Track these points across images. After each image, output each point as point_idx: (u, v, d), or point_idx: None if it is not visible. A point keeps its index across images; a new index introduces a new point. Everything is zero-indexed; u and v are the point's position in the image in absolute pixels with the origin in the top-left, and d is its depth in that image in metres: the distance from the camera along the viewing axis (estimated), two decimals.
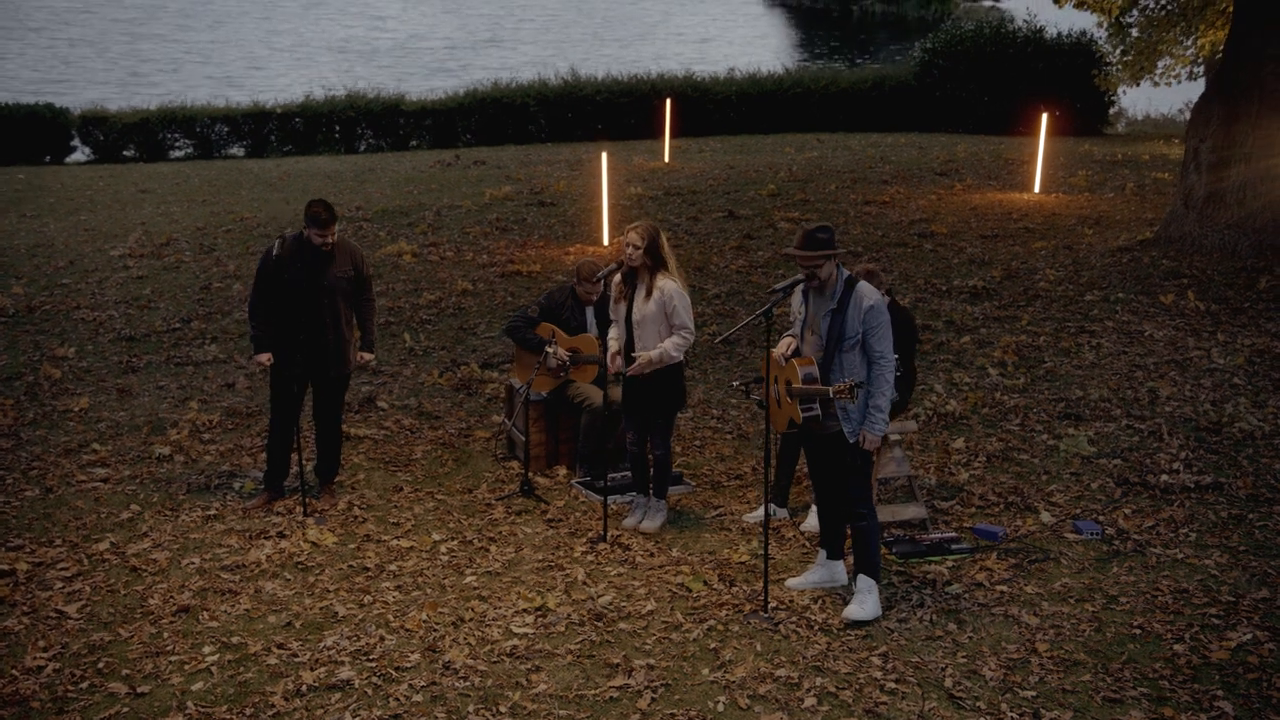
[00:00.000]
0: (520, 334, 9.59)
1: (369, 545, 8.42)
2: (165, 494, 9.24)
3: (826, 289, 7.36)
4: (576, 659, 6.99)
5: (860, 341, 7.26)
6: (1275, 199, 14.38)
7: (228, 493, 9.25)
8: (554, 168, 23.66)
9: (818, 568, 7.84)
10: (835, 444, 7.43)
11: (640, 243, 8.34)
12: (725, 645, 7.08)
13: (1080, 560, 8.00)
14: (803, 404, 7.33)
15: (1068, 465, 9.48)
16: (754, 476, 9.56)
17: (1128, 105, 34.04)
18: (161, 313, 14.26)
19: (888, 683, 6.67)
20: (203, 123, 28.57)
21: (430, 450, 10.10)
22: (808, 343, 7.45)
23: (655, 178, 21.84)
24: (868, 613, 7.39)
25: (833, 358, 7.30)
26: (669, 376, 8.50)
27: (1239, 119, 14.45)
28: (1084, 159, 23.89)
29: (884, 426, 7.34)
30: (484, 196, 20.56)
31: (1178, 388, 10.92)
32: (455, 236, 17.66)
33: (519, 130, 28.67)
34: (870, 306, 7.25)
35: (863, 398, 7.30)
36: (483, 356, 12.43)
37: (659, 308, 8.37)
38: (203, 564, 8.12)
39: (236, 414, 10.89)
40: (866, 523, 7.48)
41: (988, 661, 6.84)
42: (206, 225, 19.05)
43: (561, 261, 16.01)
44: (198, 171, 25.54)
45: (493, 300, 14.40)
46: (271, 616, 7.48)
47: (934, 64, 29.89)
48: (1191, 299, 13.24)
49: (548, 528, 8.71)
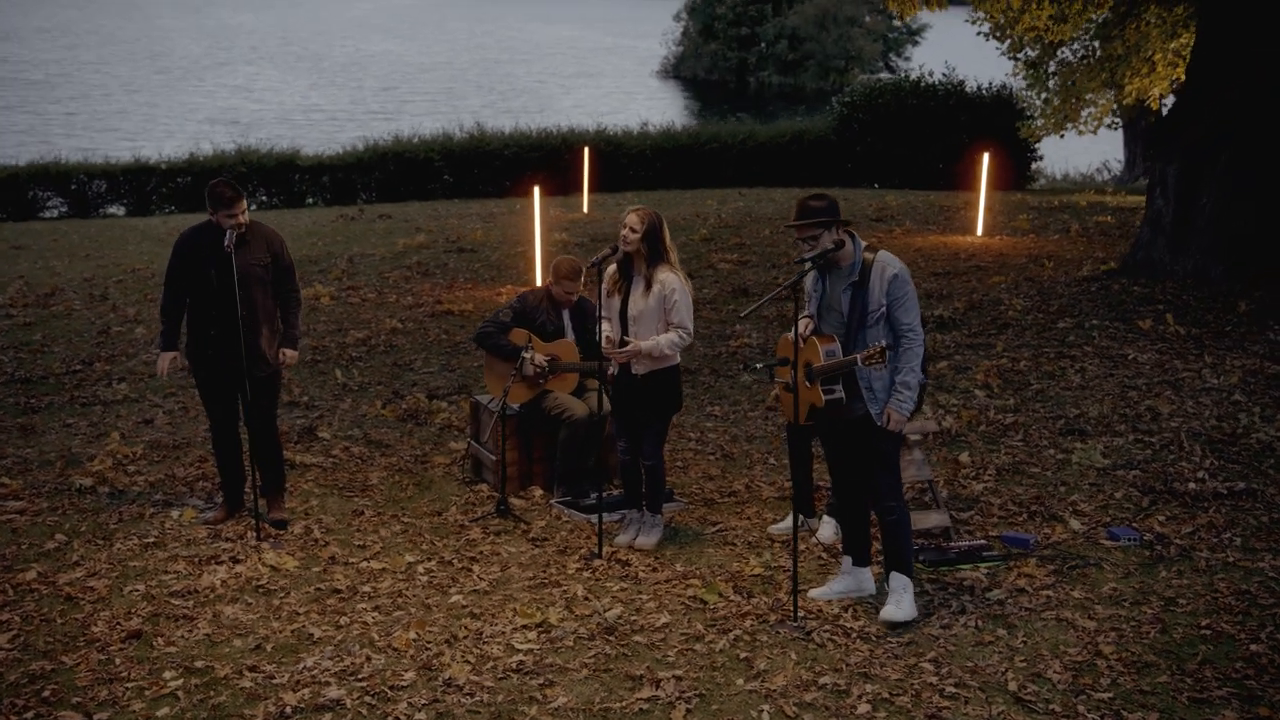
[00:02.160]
0: (492, 340, 9.10)
1: (335, 568, 7.87)
2: (94, 524, 8.61)
3: (841, 261, 7.03)
4: (593, 673, 6.51)
5: (885, 315, 6.93)
6: (1249, 222, 14.44)
7: (166, 520, 8.62)
8: (465, 220, 23.26)
9: (843, 576, 7.45)
10: (860, 430, 7.07)
11: (639, 227, 7.95)
12: (756, 655, 6.66)
13: (1123, 565, 7.71)
14: (825, 386, 6.97)
15: (1084, 476, 9.23)
16: (749, 494, 9.17)
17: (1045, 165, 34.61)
18: (58, 356, 13.55)
19: (946, 687, 6.30)
20: (78, 179, 27.67)
21: (387, 476, 9.57)
22: (826, 322, 7.10)
23: (577, 226, 21.54)
24: (905, 613, 7.03)
25: (855, 335, 6.96)
26: (663, 377, 8.08)
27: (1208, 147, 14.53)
28: (1020, 206, 24.08)
29: (911, 405, 7.00)
30: (397, 245, 20.09)
31: (1178, 405, 10.77)
32: (373, 280, 17.15)
33: (422, 186, 28.23)
34: (894, 275, 6.93)
35: (888, 375, 6.97)
36: (425, 389, 11.92)
37: (658, 303, 7.96)
38: (149, 590, 7.53)
39: (161, 447, 10.26)
40: (897, 516, 7.12)
41: (1050, 665, 6.50)
42: (95, 276, 18.33)
43: (493, 301, 15.58)
44: (76, 229, 24.69)
45: (425, 338, 13.92)
46: (236, 640, 6.91)
47: (853, 118, 30.08)
48: (1171, 323, 13.18)
49: (533, 546, 8.23)
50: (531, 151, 28.38)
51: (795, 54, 71.32)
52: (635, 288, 8.05)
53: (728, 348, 13.34)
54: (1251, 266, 14.32)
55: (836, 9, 69.94)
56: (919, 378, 6.98)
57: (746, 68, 73.14)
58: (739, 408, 11.34)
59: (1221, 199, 14.45)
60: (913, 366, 6.93)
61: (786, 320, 14.38)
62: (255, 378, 8.42)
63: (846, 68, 69.45)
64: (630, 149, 29.15)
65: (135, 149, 31.15)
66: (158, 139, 36.20)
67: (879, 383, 6.97)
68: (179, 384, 12.21)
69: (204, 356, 8.43)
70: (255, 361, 8.40)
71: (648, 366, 8.03)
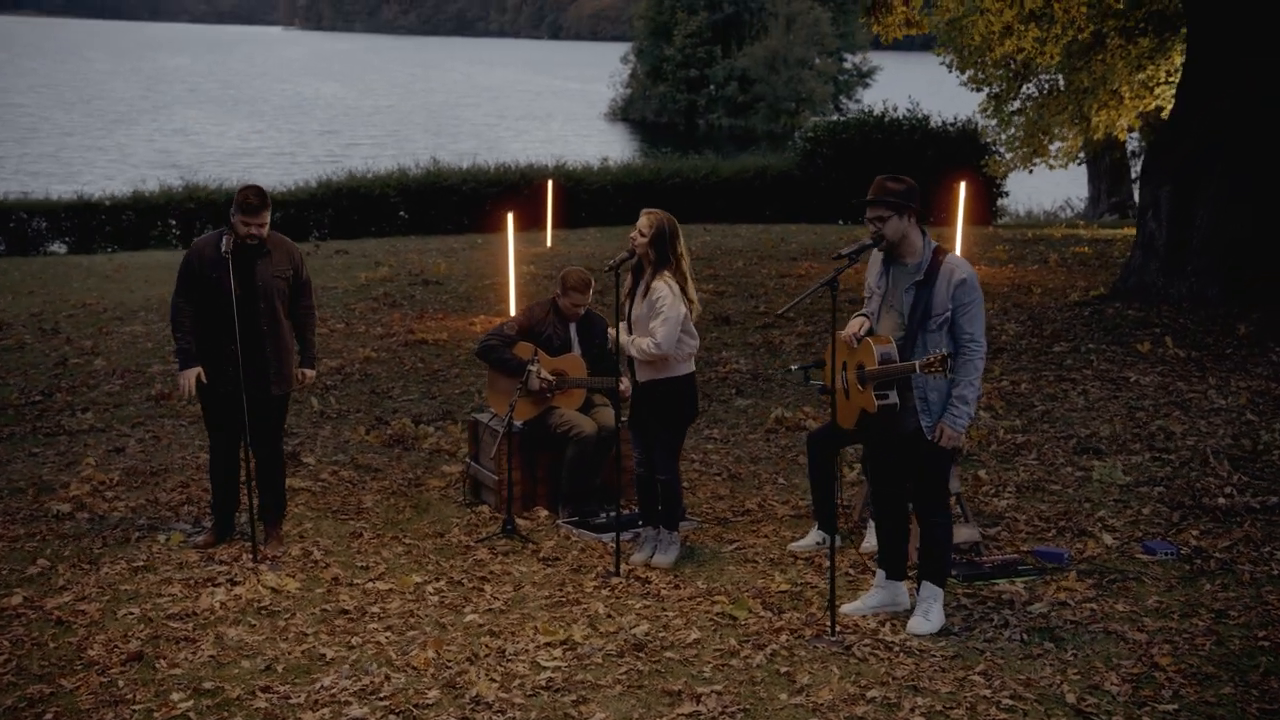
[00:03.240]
0: (496, 354, 8.89)
1: (340, 589, 7.63)
2: (77, 549, 8.31)
3: (907, 257, 6.85)
4: (627, 689, 6.31)
5: (948, 321, 6.74)
6: (1244, 242, 14.49)
7: (153, 545, 8.34)
8: (425, 255, 23.04)
9: (876, 590, 7.27)
10: (909, 444, 6.90)
11: (647, 230, 7.79)
12: (797, 669, 6.48)
13: (1164, 579, 7.59)
14: (878, 391, 6.79)
15: (1107, 493, 9.13)
16: (762, 512, 9.01)
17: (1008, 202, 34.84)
18: (14, 387, 13.20)
19: (1001, 699, 6.14)
20: (17, 217, 27.20)
21: (381, 499, 9.33)
22: (885, 322, 6.92)
23: (543, 260, 21.39)
24: (933, 625, 6.90)
25: (915, 338, 6.77)
26: (667, 386, 7.86)
27: (1201, 160, 14.59)
28: (992, 238, 24.17)
29: (967, 421, 6.84)
30: (359, 278, 19.85)
31: (1189, 424, 10.71)
32: (340, 312, 16.90)
33: (378, 223, 27.98)
34: (962, 280, 6.73)
35: (945, 387, 6.79)
36: (410, 415, 11.69)
37: (649, 309, 7.80)
38: (145, 613, 7.26)
39: (138, 473, 9.97)
40: (942, 530, 6.97)
41: (1106, 677, 6.35)
42: (43, 311, 17.94)
43: (468, 331, 15.39)
44: (16, 266, 24.25)
45: (401, 367, 13.69)
46: (244, 661, 6.66)
47: (818, 153, 30.17)
48: (1170, 345, 13.17)
49: (545, 566, 8.02)
50: (490, 187, 28.23)
51: (745, 96, 71.82)
52: (638, 291, 7.90)
53: (717, 373, 13.20)
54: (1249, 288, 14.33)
55: (787, 51, 70.50)
56: (977, 392, 6.82)
57: (696, 110, 73.56)
58: (738, 430, 11.19)
59: (1216, 220, 14.49)
60: (971, 380, 6.75)
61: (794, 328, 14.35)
62: (273, 397, 8.17)
63: (797, 110, 69.94)
64: (591, 184, 29.06)
65: (77, 189, 30.69)
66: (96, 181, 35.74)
67: (935, 393, 6.77)
68: (147, 413, 11.93)
69: (223, 373, 8.12)
70: (277, 380, 8.15)
71: (648, 374, 7.86)
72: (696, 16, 73.21)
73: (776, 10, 71.79)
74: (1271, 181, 14.37)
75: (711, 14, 73.81)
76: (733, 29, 74.06)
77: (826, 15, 72.17)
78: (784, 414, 11.37)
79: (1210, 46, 14.89)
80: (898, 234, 6.78)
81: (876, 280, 6.98)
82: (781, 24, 70.91)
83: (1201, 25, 15.13)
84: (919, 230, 6.84)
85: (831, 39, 72.48)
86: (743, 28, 73.83)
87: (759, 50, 70.86)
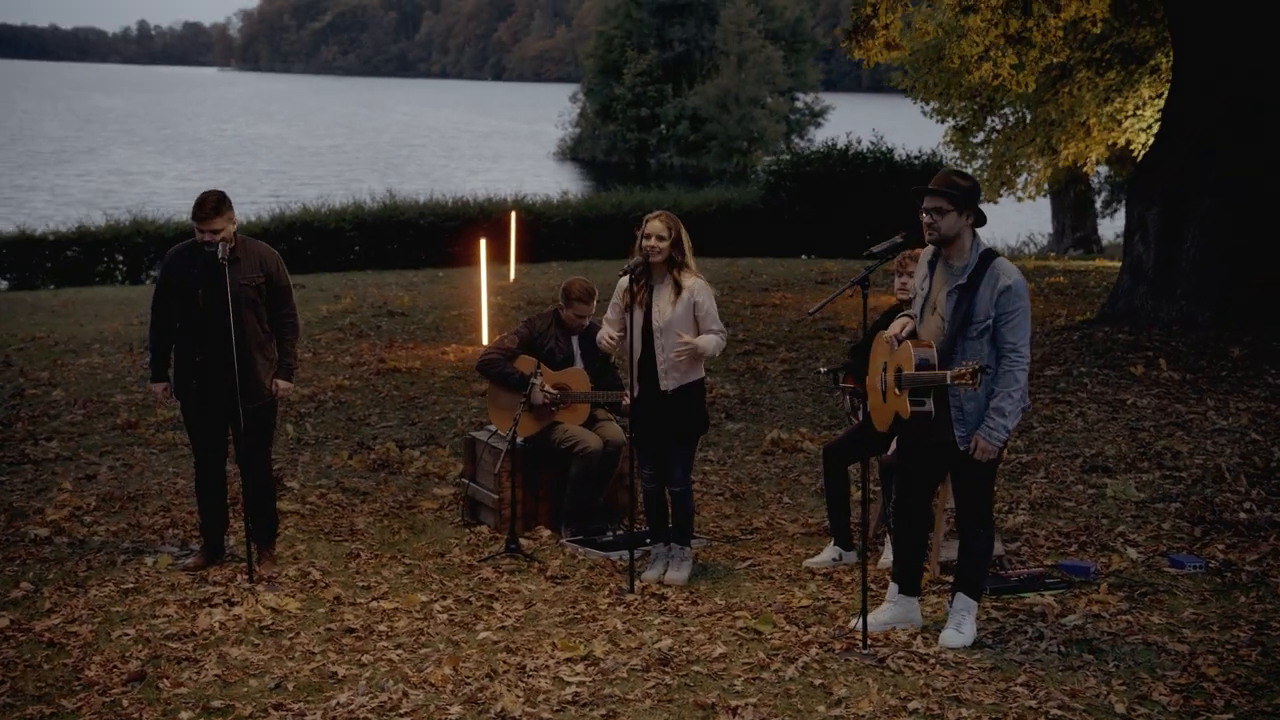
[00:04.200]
0: (497, 368, 8.76)
1: (344, 608, 7.46)
2: (61, 572, 8.10)
3: (955, 258, 6.74)
4: (658, 703, 6.18)
5: (990, 329, 6.64)
6: (1235, 264, 14.57)
7: (141, 568, 8.13)
8: (385, 289, 22.85)
9: (890, 605, 7.15)
10: (940, 454, 6.81)
11: (666, 234, 7.74)
12: (832, 682, 6.37)
13: (1196, 592, 7.54)
14: (913, 397, 6.69)
15: (1123, 510, 9.08)
16: (772, 530, 8.91)
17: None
18: None
19: (1049, 709, 6.05)
20: None
21: (373, 521, 9.16)
22: (927, 325, 6.79)
23: (509, 292, 21.27)
24: (966, 637, 6.80)
25: (955, 343, 6.65)
26: (692, 392, 7.81)
27: (1188, 180, 14.68)
28: None
29: (1004, 435, 6.69)
30: (320, 310, 19.62)
31: (1196, 444, 10.70)
32: (306, 342, 16.66)
33: (332, 257, 27.73)
34: (1008, 286, 6.59)
35: (983, 397, 6.70)
36: (393, 439, 11.52)
37: (687, 310, 7.72)
38: (141, 634, 7.07)
39: (115, 499, 9.75)
40: (983, 543, 6.88)
41: (1154, 687, 6.27)
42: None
43: (440, 360, 15.23)
44: None
45: (377, 394, 13.52)
46: (252, 680, 6.48)
47: (781, 186, 30.25)
48: (1165, 368, 13.19)
49: (554, 584, 7.88)
50: (449, 220, 28.07)
51: (697, 135, 72.13)
52: (659, 296, 7.80)
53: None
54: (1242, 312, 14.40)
55: (738, 89, 70.92)
56: (1017, 405, 6.67)
57: (647, 149, 73.76)
58: (733, 452, 11.10)
59: (1205, 242, 14.56)
60: (1010, 392, 6.60)
61: None
62: (246, 410, 7.99)
63: (749, 149, 70.30)
64: (551, 218, 28.96)
65: (17, 224, 30.25)
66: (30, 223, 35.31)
67: (971, 404, 6.65)
68: (115, 442, 11.70)
69: (190, 386, 7.99)
70: (247, 392, 7.96)
71: (676, 381, 7.77)
72: (647, 55, 73.58)
73: (728, 49, 72.25)
74: (1260, 202, 14.48)
75: (662, 52, 74.20)
76: (683, 68, 74.49)
77: (778, 54, 72.72)
78: (780, 435, 11.29)
79: (1196, 66, 15.01)
80: (953, 230, 6.65)
81: (921, 280, 6.88)
82: (733, 63, 71.33)
83: (1188, 45, 15.26)
84: (973, 233, 6.73)
85: (783, 78, 73.03)
86: (694, 66, 74.27)
87: (710, 89, 71.25)
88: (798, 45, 77.67)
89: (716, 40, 73.55)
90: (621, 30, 75.10)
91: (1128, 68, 24.08)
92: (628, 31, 74.91)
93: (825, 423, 11.98)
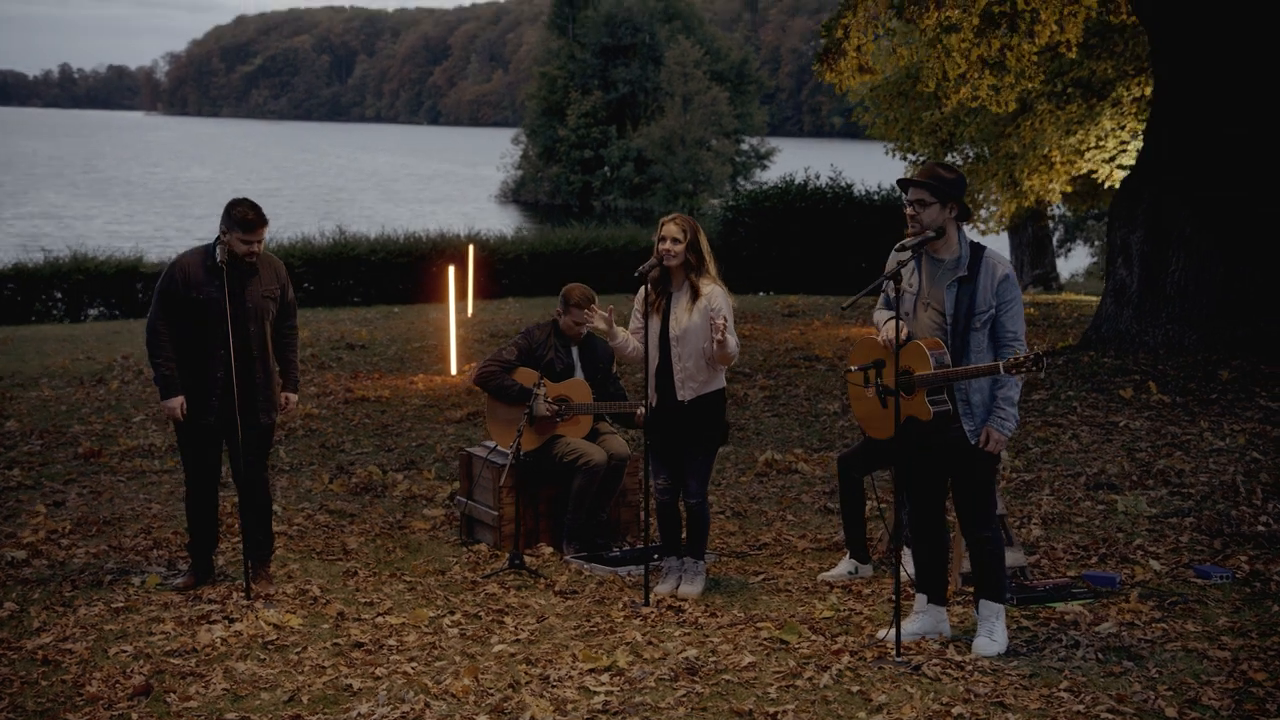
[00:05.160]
0: (497, 381, 8.65)
1: (348, 624, 7.32)
2: (46, 592, 7.92)
3: (943, 252, 6.77)
4: (692, 710, 6.09)
5: (991, 319, 6.68)
6: (1220, 286, 14.68)
7: (129, 588, 7.95)
8: (339, 325, 22.66)
9: (919, 615, 7.09)
10: (954, 452, 6.79)
11: (682, 236, 7.67)
12: (870, 689, 6.29)
13: (1227, 601, 7.51)
14: (931, 397, 6.68)
15: (1136, 524, 9.07)
16: (779, 546, 8.84)
17: None
18: None
19: (1098, 713, 6.01)
20: None
21: (365, 541, 9.01)
22: (921, 322, 6.79)
23: (470, 326, 21.13)
24: (999, 644, 6.76)
25: (961, 338, 6.68)
26: (711, 400, 7.75)
27: (1171, 201, 14.79)
28: None
29: (1014, 425, 6.76)
30: None
31: (1197, 462, 10.72)
32: None
33: None
34: (1005, 276, 6.69)
35: (988, 388, 6.72)
36: (372, 463, 11.37)
37: (704, 318, 7.64)
38: (140, 650, 6.91)
39: (90, 523, 9.54)
40: (993, 545, 6.85)
41: (1202, 692, 6.24)
42: None
43: (410, 389, 15.09)
44: None
45: (349, 422, 13.35)
46: (264, 694, 6.34)
47: (739, 221, 30.32)
48: (1155, 391, 13.25)
49: (563, 599, 7.76)
50: (400, 257, 27.93)
51: (642, 177, 72.36)
52: (677, 303, 7.73)
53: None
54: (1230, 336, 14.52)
55: (684, 131, 71.19)
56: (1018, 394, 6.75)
57: (591, 191, 73.90)
58: (725, 474, 11.01)
59: (1190, 265, 14.67)
60: (1016, 382, 6.68)
61: None
62: (259, 425, 7.86)
63: (695, 191, 70.50)
64: (506, 254, 28.88)
65: None
66: None
67: (978, 396, 6.69)
68: (78, 470, 11.48)
69: (205, 404, 7.80)
70: (263, 407, 7.84)
71: (695, 391, 7.70)
72: (591, 96, 73.91)
73: (673, 90, 72.58)
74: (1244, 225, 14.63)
75: (606, 94, 74.55)
76: (628, 109, 74.83)
77: (724, 95, 73.13)
78: (775, 456, 11.23)
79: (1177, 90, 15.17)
80: (935, 223, 6.69)
81: (908, 277, 6.87)
82: (678, 104, 71.65)
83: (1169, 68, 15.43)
84: (956, 226, 6.77)
85: (730, 119, 73.40)
86: (638, 108, 74.63)
87: (656, 130, 71.52)
88: (743, 87, 78.21)
89: (661, 81, 73.90)
90: (565, 71, 75.41)
91: (1089, 100, 24.38)
92: (571, 73, 75.23)
93: (815, 445, 11.94)
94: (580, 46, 75.55)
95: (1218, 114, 14.71)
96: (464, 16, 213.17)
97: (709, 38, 78.16)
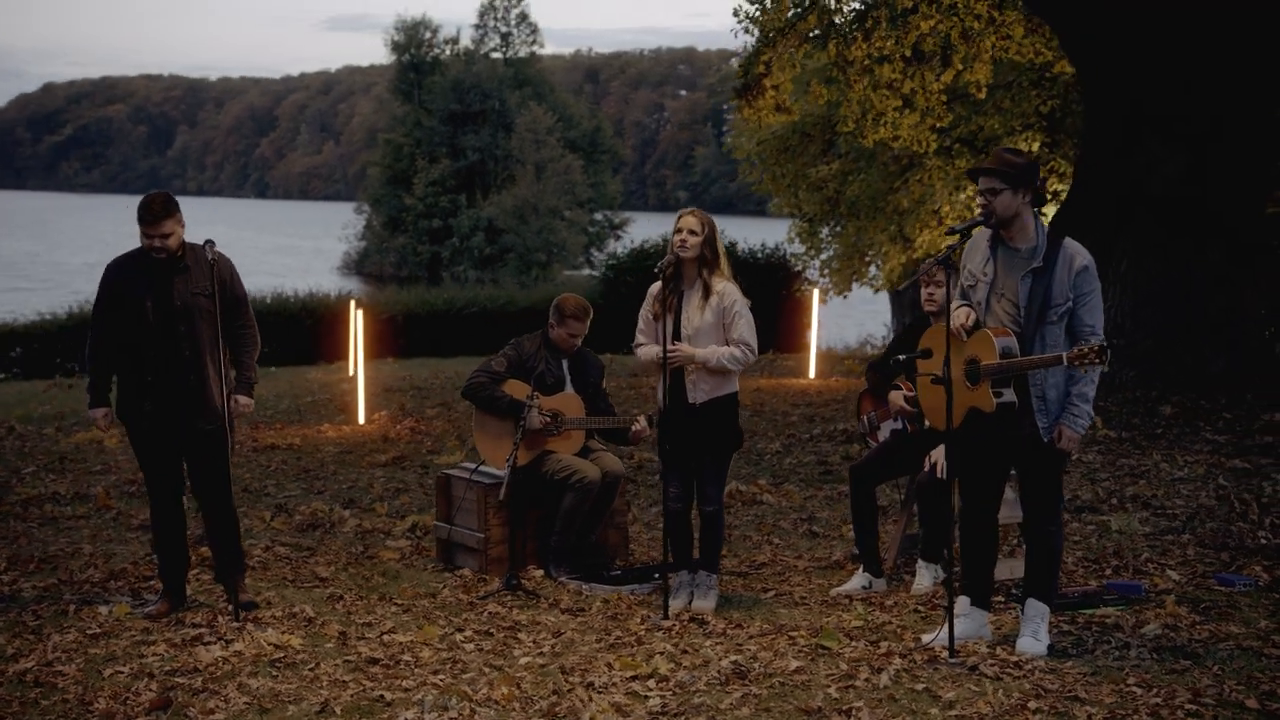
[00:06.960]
0: (486, 393, 8.51)
1: (355, 643, 7.11)
2: (8, 621, 7.59)
3: (1018, 240, 6.79)
4: (756, 710, 6.04)
5: (1068, 312, 6.70)
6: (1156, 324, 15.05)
7: (97, 616, 7.64)
8: None
9: (962, 618, 7.08)
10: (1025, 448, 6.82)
11: (699, 229, 7.67)
12: (935, 687, 6.27)
13: (1261, 606, 7.62)
14: (995, 388, 6.71)
15: (1135, 541, 9.16)
16: (780, 564, 8.81)
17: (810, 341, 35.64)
18: None
19: (1179, 704, 6.05)
20: None
21: (337, 570, 8.77)
22: (995, 312, 6.81)
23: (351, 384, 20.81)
24: (1043, 645, 6.81)
25: (1034, 330, 6.71)
26: (724, 405, 7.72)
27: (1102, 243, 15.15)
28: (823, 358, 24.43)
29: (1088, 422, 6.80)
30: None
31: (1166, 489, 10.89)
32: None
33: None
34: (1084, 267, 6.70)
35: (1063, 384, 6.77)
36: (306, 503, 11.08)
37: (716, 317, 7.63)
38: (137, 671, 6.63)
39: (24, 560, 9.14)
40: (1056, 541, 6.91)
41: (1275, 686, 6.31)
42: None
43: (318, 437, 14.80)
44: None
45: (266, 468, 13.06)
46: (290, 707, 6.15)
47: (620, 281, 30.44)
48: (1101, 426, 13.52)
49: (573, 617, 7.62)
50: (268, 317, 27.44)
51: (493, 247, 72.04)
52: (689, 301, 7.71)
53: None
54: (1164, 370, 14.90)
55: (537, 200, 71.20)
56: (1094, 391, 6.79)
57: (440, 262, 73.36)
58: None
59: (1126, 302, 15.05)
60: (1092, 377, 6.70)
61: None
62: (202, 431, 7.64)
63: (549, 261, 70.52)
64: (379, 315, 28.60)
65: None
66: None
67: (1054, 391, 6.72)
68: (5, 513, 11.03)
69: (140, 409, 7.60)
70: (200, 411, 7.62)
71: (706, 394, 7.67)
72: (438, 164, 73.72)
73: (525, 158, 72.66)
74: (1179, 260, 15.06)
75: (455, 161, 74.38)
76: (478, 177, 74.70)
77: (579, 163, 73.44)
78: (739, 488, 11.16)
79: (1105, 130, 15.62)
80: (1008, 211, 6.73)
81: (982, 266, 6.90)
82: (530, 172, 71.70)
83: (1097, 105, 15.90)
84: (1032, 212, 6.82)
85: (584, 188, 73.70)
86: (489, 176, 74.53)
87: (507, 199, 71.36)
88: (596, 155, 78.65)
89: (513, 148, 73.91)
90: (411, 139, 75.13)
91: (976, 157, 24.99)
92: (417, 140, 74.96)
93: (772, 479, 11.93)
94: (427, 113, 75.38)
95: (1145, 156, 15.16)
96: (292, 86, 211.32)
97: (561, 105, 78.56)
